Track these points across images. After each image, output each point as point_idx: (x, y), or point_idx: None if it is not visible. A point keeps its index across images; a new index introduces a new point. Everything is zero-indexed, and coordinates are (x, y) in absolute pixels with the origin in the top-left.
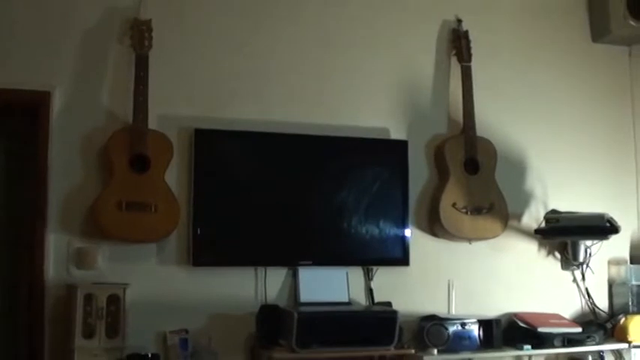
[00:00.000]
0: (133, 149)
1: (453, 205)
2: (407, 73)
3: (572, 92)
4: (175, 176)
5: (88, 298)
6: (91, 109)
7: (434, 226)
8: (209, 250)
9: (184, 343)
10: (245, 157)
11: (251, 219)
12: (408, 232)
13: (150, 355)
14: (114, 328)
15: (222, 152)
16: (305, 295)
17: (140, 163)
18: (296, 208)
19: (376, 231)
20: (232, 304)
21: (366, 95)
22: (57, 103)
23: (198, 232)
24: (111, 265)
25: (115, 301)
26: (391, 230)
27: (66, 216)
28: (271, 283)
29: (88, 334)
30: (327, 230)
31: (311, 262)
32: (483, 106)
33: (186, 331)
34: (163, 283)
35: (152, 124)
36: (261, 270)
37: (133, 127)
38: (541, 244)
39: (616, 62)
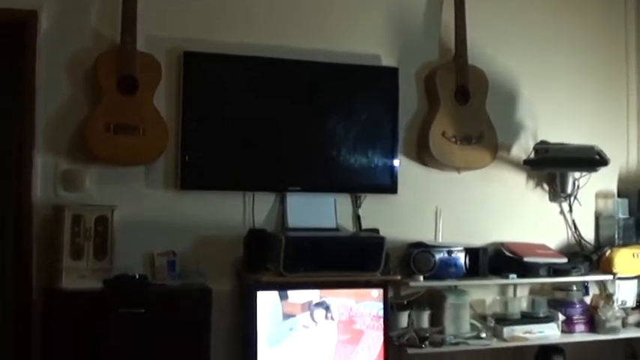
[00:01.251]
0: (120, 71)
1: (443, 134)
2: None
3: (565, 25)
4: (164, 99)
5: (76, 220)
6: (79, 28)
7: (423, 154)
8: (197, 173)
9: (172, 265)
10: (235, 81)
11: (240, 143)
12: (396, 160)
13: (137, 276)
14: (102, 250)
15: (212, 76)
16: (293, 221)
17: (128, 85)
18: (285, 134)
19: (365, 158)
20: (220, 227)
21: (358, 20)
22: (44, 23)
23: (187, 155)
24: (99, 188)
25: (102, 222)
26: (380, 158)
27: (53, 138)
28: (259, 209)
29: (76, 255)
30: (316, 157)
31: (299, 188)
32: (476, 36)
33: (174, 254)
34: (151, 205)
35: (140, 45)
36: (249, 195)
37: (121, 48)
38: (530, 176)
39: None
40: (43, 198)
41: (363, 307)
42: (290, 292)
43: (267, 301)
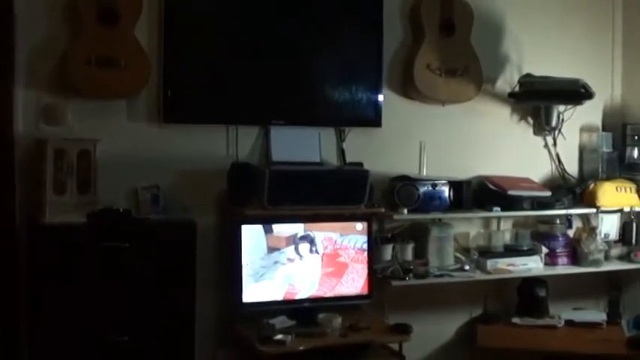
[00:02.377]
0: (101, 1)
1: (427, 66)
2: None
3: None
4: (145, 31)
5: (59, 154)
6: None
7: (407, 87)
8: (180, 107)
9: (156, 198)
10: (218, 11)
11: (223, 76)
12: (381, 94)
13: (121, 211)
14: (85, 184)
15: (194, 7)
16: (276, 155)
17: (109, 17)
18: (269, 67)
19: (349, 92)
20: (204, 161)
21: None
22: None
23: (169, 88)
24: (81, 122)
25: (85, 156)
26: (364, 91)
27: (34, 71)
28: (243, 142)
29: (59, 189)
30: (301, 90)
31: (283, 122)
32: None
33: (158, 188)
34: (134, 139)
35: None
36: (232, 129)
37: None
38: (514, 109)
39: None
40: (25, 132)
41: (348, 240)
42: (274, 226)
43: (251, 234)
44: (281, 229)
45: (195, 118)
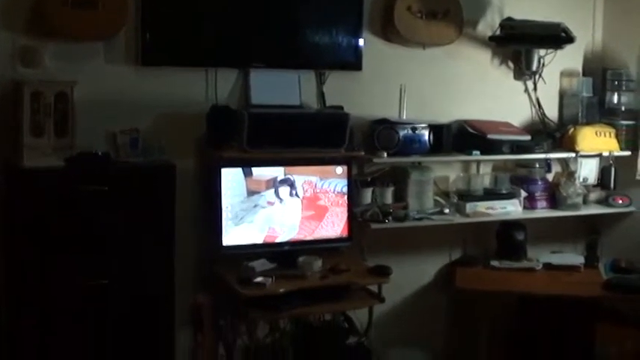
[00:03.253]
0: None
1: (408, 8)
2: None
3: None
4: None
5: (35, 96)
6: None
7: (388, 30)
8: (159, 49)
9: (134, 142)
10: None
11: (202, 18)
12: (361, 37)
13: (100, 154)
14: (63, 127)
15: None
16: (256, 98)
17: None
18: (249, 9)
19: (330, 35)
20: (182, 104)
21: None
22: None
23: (147, 30)
24: (58, 64)
25: (63, 99)
26: (344, 34)
27: (9, 13)
28: (222, 85)
29: (37, 132)
30: (280, 32)
31: (263, 65)
32: None
33: (137, 131)
34: (112, 82)
35: None
36: (211, 71)
37: None
38: (495, 53)
39: None
40: (1, 75)
41: (328, 183)
42: (254, 169)
43: (231, 177)
44: (261, 173)
45: (173, 61)
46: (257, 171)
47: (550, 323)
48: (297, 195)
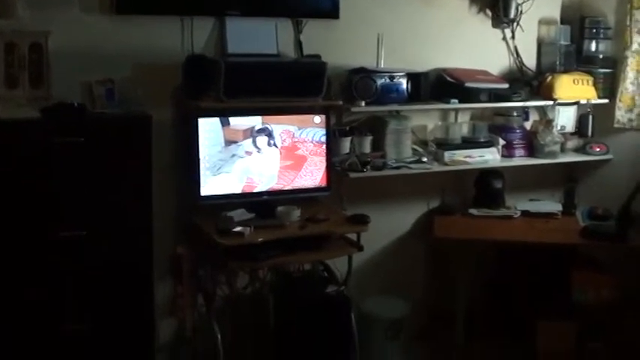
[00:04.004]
0: None
1: None
2: None
3: None
4: None
5: (9, 47)
6: None
7: None
8: None
9: (110, 92)
10: None
11: None
12: None
13: (76, 105)
14: (38, 78)
15: None
16: (232, 47)
17: None
18: None
19: None
20: (158, 54)
21: None
22: None
23: None
24: (31, 14)
25: (37, 49)
26: None
27: None
28: (198, 34)
29: (12, 83)
30: None
31: (238, 13)
32: None
33: (112, 81)
34: (87, 32)
35: None
36: (187, 20)
37: None
38: (473, 1)
39: None
40: None
41: (306, 133)
42: (231, 119)
43: (208, 127)
44: (238, 122)
45: (148, 9)
46: (234, 121)
47: (528, 270)
48: (275, 145)
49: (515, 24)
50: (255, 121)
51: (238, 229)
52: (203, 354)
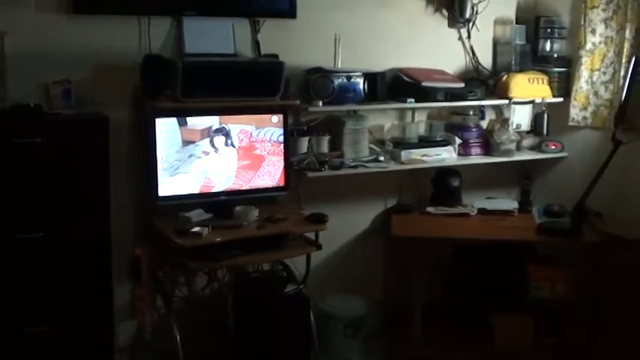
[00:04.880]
0: None
1: None
2: None
3: None
4: None
5: None
6: None
7: None
8: None
9: (67, 93)
10: None
11: None
12: None
13: (32, 106)
14: None
15: None
16: (190, 47)
17: None
18: None
19: None
20: (116, 54)
21: None
22: None
23: None
24: None
25: None
26: None
27: None
28: (155, 34)
29: None
30: None
31: (195, 13)
32: None
33: (69, 82)
34: (43, 32)
35: None
36: (144, 20)
37: None
38: (429, 1)
39: None
40: None
41: (264, 133)
42: (189, 119)
43: (165, 128)
44: (195, 122)
45: (105, 9)
46: (192, 121)
47: (485, 267)
48: (232, 144)
49: (470, 24)
50: (213, 121)
51: (196, 229)
52: (163, 355)
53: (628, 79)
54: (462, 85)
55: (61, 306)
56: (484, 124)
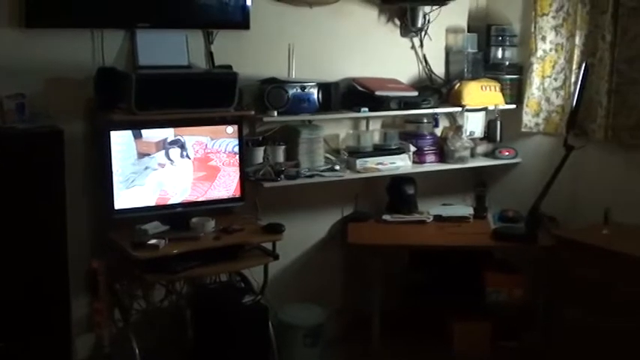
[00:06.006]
0: None
1: None
2: None
3: None
4: None
5: None
6: None
7: None
8: (43, 10)
9: (21, 107)
10: None
11: None
12: None
13: None
14: None
15: None
16: (143, 59)
17: None
18: None
19: None
20: (70, 67)
21: None
22: None
23: None
24: None
25: None
26: None
27: None
28: (108, 47)
29: None
30: None
31: (149, 25)
32: None
33: (23, 96)
34: None
35: None
36: (97, 32)
37: None
38: (381, 10)
39: None
40: None
41: (219, 143)
42: (144, 131)
43: (120, 140)
44: (150, 134)
45: (58, 22)
46: (147, 133)
47: (443, 273)
48: (187, 156)
49: (423, 33)
50: (168, 133)
51: (153, 241)
52: None
53: (579, 86)
54: (416, 93)
55: (17, 321)
56: (438, 131)
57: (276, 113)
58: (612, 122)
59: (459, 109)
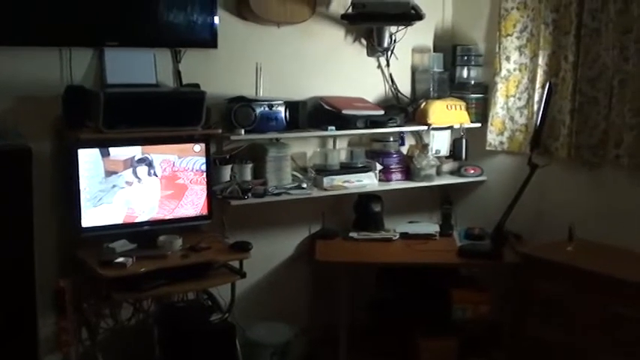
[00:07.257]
0: None
1: None
2: None
3: None
4: None
5: None
6: None
7: (242, 8)
8: (9, 27)
9: None
10: None
11: None
12: (216, 14)
13: None
14: None
15: None
16: (111, 77)
17: None
18: None
19: (184, 12)
20: (38, 86)
21: None
22: None
23: None
24: None
25: None
26: (199, 12)
27: None
28: (77, 65)
29: None
30: (134, 10)
31: (117, 43)
32: None
33: None
34: None
35: None
36: (65, 51)
37: None
38: (348, 30)
39: None
40: None
41: (186, 162)
42: (111, 149)
43: (88, 158)
44: (118, 153)
45: (25, 40)
46: (114, 151)
47: (409, 290)
48: (155, 174)
49: (389, 52)
50: (135, 152)
51: (120, 260)
52: None
53: (542, 105)
54: (382, 112)
55: None
56: (404, 150)
57: (243, 132)
58: (575, 141)
59: (425, 127)
